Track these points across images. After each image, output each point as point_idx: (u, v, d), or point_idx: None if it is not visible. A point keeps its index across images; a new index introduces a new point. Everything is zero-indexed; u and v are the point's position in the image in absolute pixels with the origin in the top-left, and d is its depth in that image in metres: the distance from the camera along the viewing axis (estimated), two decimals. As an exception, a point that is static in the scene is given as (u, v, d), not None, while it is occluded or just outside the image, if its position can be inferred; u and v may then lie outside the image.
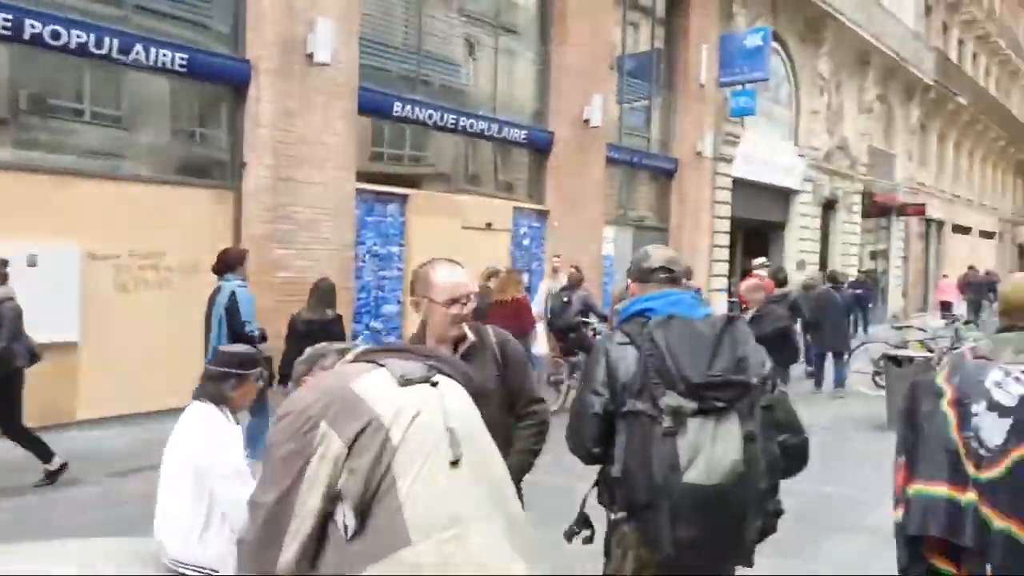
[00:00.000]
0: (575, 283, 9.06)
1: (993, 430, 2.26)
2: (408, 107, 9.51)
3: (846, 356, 10.80)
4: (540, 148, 11.53)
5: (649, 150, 14.23)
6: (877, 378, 9.92)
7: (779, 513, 2.26)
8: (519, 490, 2.45)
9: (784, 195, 18.54)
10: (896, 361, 8.45)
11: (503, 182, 11.68)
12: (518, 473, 2.52)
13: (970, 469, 2.26)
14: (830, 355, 10.55)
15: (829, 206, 20.41)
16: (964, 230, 30.86)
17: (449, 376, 1.82)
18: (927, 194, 26.03)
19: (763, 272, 11.91)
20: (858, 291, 15.99)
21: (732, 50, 14.58)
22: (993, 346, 2.56)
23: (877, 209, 22.67)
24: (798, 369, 10.81)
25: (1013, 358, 2.45)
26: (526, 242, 11.28)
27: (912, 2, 24.01)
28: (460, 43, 10.78)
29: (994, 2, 31.72)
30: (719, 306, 14.24)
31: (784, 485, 2.29)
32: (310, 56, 8.19)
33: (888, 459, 2.63)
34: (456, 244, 9.82)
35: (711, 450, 2.05)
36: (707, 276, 15.03)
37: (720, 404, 2.09)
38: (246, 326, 5.55)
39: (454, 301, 2.53)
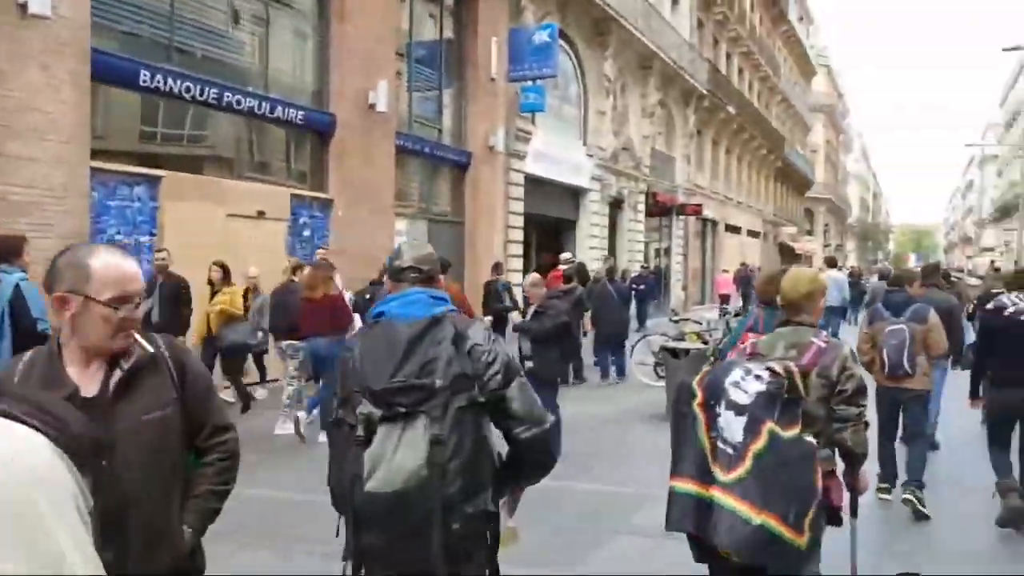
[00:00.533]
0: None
1: (734, 429, 2.41)
2: (159, 77, 8.30)
3: (627, 347, 11.18)
4: (321, 132, 10.70)
5: (442, 141, 13.84)
6: (659, 369, 10.18)
7: (489, 516, 2.14)
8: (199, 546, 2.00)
9: (575, 193, 19.02)
10: (673, 353, 8.62)
11: (279, 167, 10.69)
12: (198, 524, 1.94)
13: (718, 471, 2.40)
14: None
15: (616, 204, 21.28)
16: (735, 229, 33.79)
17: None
18: (703, 195, 28.11)
19: (563, 267, 12.19)
20: (641, 286, 16.65)
21: (521, 45, 14.58)
22: (769, 342, 2.78)
23: (659, 208, 24.05)
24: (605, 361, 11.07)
25: (784, 353, 2.68)
26: (307, 233, 10.39)
27: (687, 15, 25.79)
28: (224, 10, 9.66)
29: (755, 22, 35.06)
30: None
31: (566, 485, 2.18)
32: (23, 6, 6.83)
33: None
34: (220, 234, 8.81)
35: (392, 457, 2.02)
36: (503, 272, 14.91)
37: (402, 409, 2.04)
38: (38, 324, 4.55)
39: (123, 300, 1.80)
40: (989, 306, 5.23)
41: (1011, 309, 4.89)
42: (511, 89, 14.96)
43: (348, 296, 7.79)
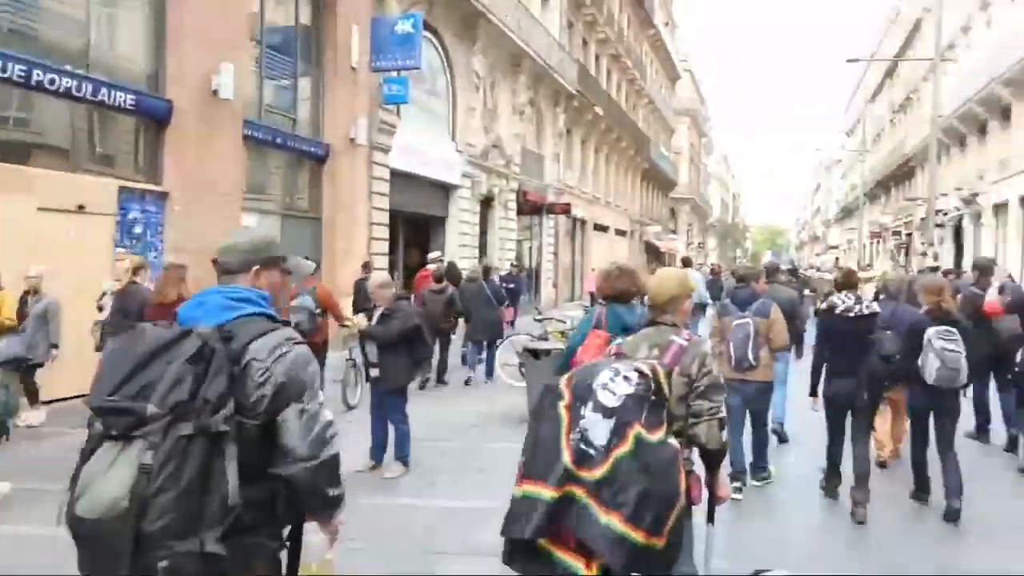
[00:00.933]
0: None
1: (599, 431, 2.35)
2: (-52, 49, 7.20)
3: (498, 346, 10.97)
4: (155, 119, 9.73)
5: (297, 132, 13.05)
6: (523, 369, 9.95)
7: (208, 559, 1.82)
8: None
9: (444, 189, 18.62)
10: (534, 353, 8.36)
11: (103, 155, 9.61)
12: None
13: (577, 471, 2.31)
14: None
15: (487, 202, 21.06)
16: (603, 228, 34.51)
17: None
18: (573, 195, 28.45)
19: (432, 267, 11.95)
20: (510, 284, 16.46)
21: (384, 34, 14.01)
22: (633, 343, 2.83)
23: (530, 207, 24.07)
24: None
25: (648, 353, 2.71)
26: (138, 229, 9.40)
27: (557, 15, 25.95)
28: (35, -22, 8.54)
29: (623, 24, 35.94)
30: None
31: (408, 503, 1.78)
32: None
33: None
34: (30, 230, 7.77)
35: (101, 481, 1.81)
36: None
37: (114, 432, 1.84)
38: None
39: None
40: (823, 306, 5.70)
41: (840, 308, 5.27)
42: (374, 80, 14.35)
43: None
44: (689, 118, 59.39)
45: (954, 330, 5.07)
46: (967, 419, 6.48)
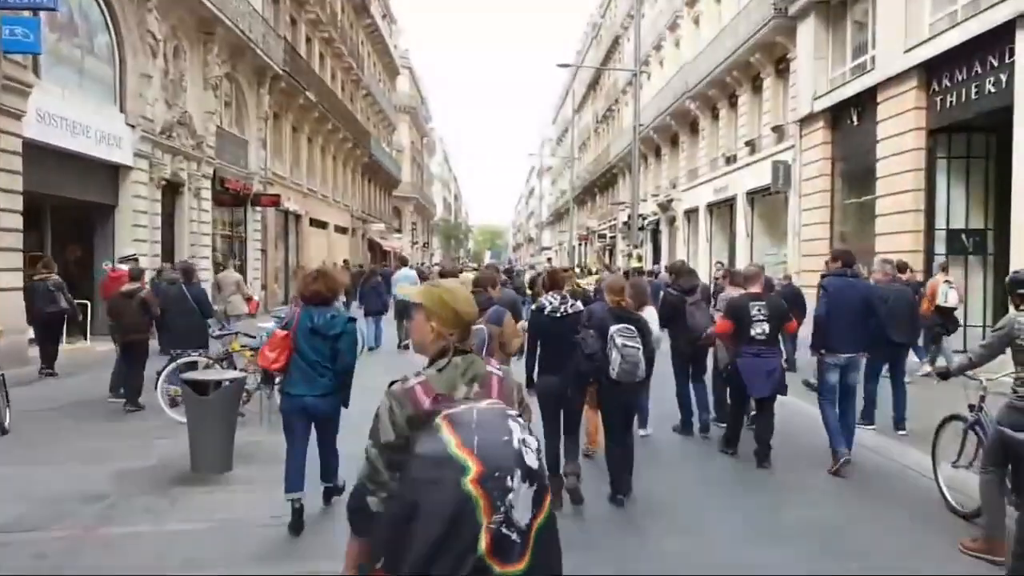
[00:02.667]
0: None
1: (524, 505, 1.72)
2: None
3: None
4: None
5: None
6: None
7: None
8: None
9: (111, 170, 15.19)
10: (198, 386, 6.16)
11: None
12: None
13: (497, 566, 1.66)
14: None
15: (173, 188, 17.81)
16: (321, 224, 32.07)
17: None
18: (284, 186, 25.77)
19: (124, 266, 10.69)
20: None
21: (6, -41, 10.61)
22: (447, 379, 2.00)
23: (231, 197, 21.09)
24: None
25: (468, 390, 1.99)
26: None
27: (260, -16, 23.15)
28: None
29: (336, 9, 33.73)
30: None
31: None
32: None
33: None
34: None
35: None
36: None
37: None
38: None
39: None
40: (534, 307, 6.02)
41: (548, 308, 5.53)
42: (-9, 20, 10.86)
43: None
44: (409, 116, 58.69)
45: (633, 328, 5.35)
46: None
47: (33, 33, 10.74)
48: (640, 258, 25.02)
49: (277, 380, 5.57)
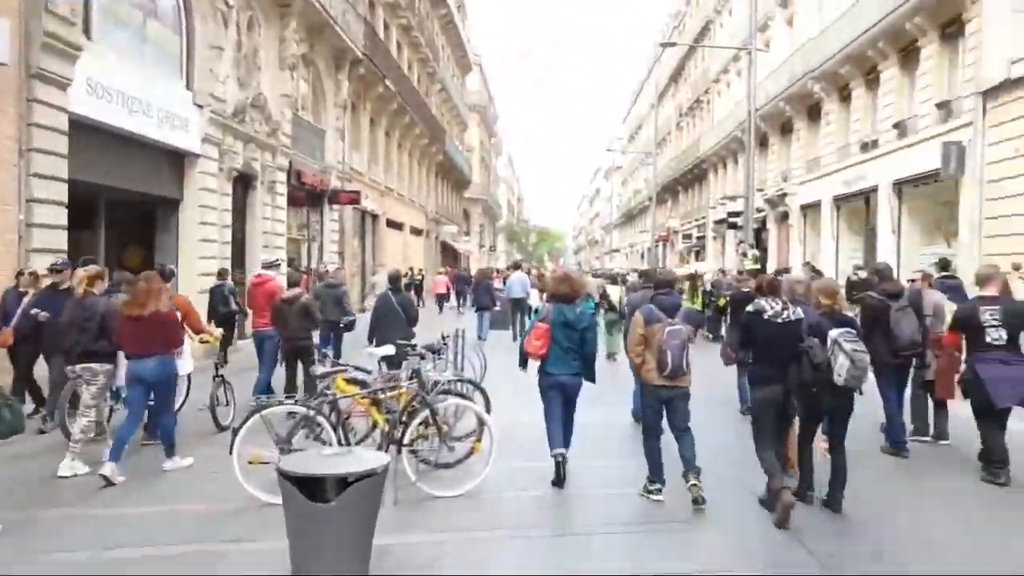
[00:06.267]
0: None
1: None
2: None
3: None
4: None
5: None
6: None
7: None
8: None
9: (176, 158, 12.95)
10: (307, 485, 3.60)
11: None
12: None
13: None
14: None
15: (245, 182, 15.57)
16: (397, 225, 29.83)
17: None
18: (362, 182, 23.50)
19: (270, 272, 9.67)
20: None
21: None
22: None
23: (306, 193, 18.85)
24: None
25: None
26: None
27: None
28: None
29: (415, -7, 31.45)
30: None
31: None
32: None
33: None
34: None
35: None
36: (12, 270, 8.49)
37: None
38: None
39: None
40: (750, 308, 5.58)
41: (769, 313, 5.31)
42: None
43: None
44: (478, 115, 56.31)
45: (854, 331, 5.25)
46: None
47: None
48: (756, 259, 21.84)
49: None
